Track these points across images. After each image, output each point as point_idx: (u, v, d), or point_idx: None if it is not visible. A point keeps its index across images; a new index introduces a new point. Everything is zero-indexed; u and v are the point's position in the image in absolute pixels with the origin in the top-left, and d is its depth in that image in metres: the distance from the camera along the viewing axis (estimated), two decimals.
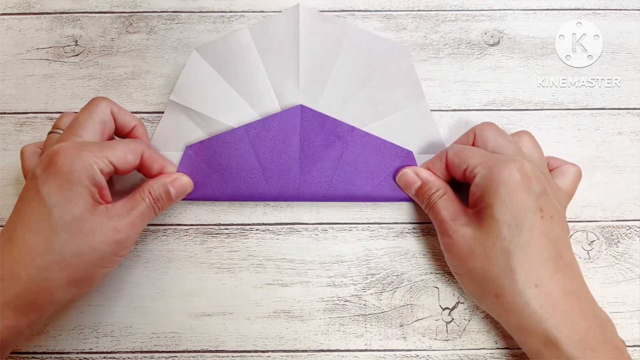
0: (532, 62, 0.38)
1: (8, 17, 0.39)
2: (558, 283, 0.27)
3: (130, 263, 0.35)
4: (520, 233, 0.27)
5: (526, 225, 0.27)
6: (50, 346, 0.34)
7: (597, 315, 0.28)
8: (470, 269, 0.29)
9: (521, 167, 0.28)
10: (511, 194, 0.27)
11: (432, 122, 0.36)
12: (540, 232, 0.27)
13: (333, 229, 0.35)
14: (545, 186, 0.28)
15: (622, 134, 0.37)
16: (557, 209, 0.29)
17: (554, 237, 0.28)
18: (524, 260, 0.27)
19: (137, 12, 0.39)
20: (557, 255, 0.27)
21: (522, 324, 0.27)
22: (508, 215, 0.27)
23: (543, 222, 0.27)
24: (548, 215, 0.28)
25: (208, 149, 0.34)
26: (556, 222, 0.28)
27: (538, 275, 0.27)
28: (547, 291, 0.27)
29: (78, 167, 0.28)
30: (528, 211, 0.27)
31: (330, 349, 0.34)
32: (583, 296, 0.28)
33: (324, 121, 0.35)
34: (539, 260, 0.27)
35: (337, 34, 0.36)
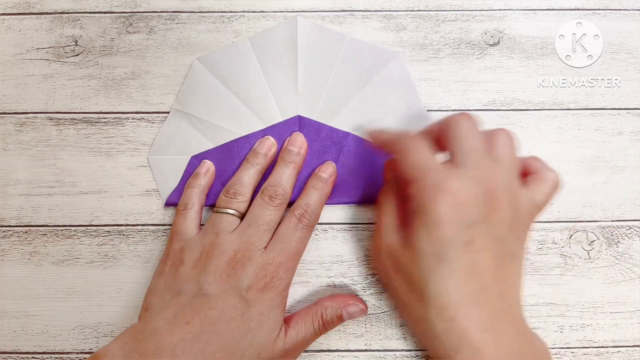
0: (532, 62, 0.38)
1: (8, 17, 0.39)
2: (476, 319, 0.25)
3: (130, 263, 0.35)
4: (441, 265, 0.25)
5: (447, 258, 0.25)
6: (50, 346, 0.34)
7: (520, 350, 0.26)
8: (395, 288, 0.28)
9: (452, 196, 0.25)
10: (438, 226, 0.25)
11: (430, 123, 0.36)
12: (463, 266, 0.25)
13: (333, 229, 0.35)
14: (481, 214, 0.26)
15: (622, 134, 0.37)
16: (497, 236, 0.26)
17: (480, 271, 0.26)
18: (441, 293, 0.25)
19: (137, 12, 0.39)
20: (481, 290, 0.26)
21: (437, 353, 0.26)
22: (432, 247, 0.26)
23: (469, 256, 0.25)
24: (478, 247, 0.26)
25: (211, 158, 0.35)
26: (488, 253, 0.26)
27: (454, 309, 0.25)
28: (461, 326, 0.25)
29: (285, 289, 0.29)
30: (452, 244, 0.25)
31: (330, 349, 0.34)
32: (504, 331, 0.26)
33: (320, 129, 0.36)
34: (457, 294, 0.25)
35: (333, 44, 0.38)
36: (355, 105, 0.37)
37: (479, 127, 0.29)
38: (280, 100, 0.37)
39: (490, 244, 0.26)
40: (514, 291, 0.27)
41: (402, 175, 0.29)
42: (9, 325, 0.34)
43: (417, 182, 0.27)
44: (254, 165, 0.33)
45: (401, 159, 0.28)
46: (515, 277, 0.27)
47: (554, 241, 0.35)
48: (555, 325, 0.34)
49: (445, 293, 0.25)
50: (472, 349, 0.25)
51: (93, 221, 0.35)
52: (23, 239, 0.35)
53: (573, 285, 0.35)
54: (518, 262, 0.28)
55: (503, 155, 0.28)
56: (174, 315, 0.27)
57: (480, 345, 0.25)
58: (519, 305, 0.27)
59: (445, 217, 0.25)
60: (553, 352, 0.34)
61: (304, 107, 0.36)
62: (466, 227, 0.25)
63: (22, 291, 0.34)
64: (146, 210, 0.35)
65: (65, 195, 0.36)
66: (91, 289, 0.34)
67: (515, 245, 0.28)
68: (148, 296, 0.30)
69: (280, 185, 0.32)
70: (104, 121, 0.37)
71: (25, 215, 0.35)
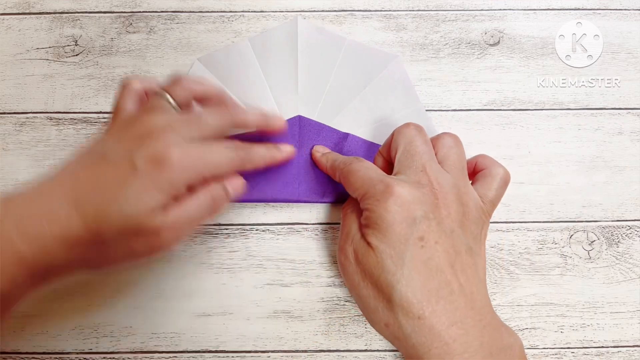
0: (532, 62, 0.38)
1: (8, 17, 0.39)
2: (442, 315, 0.25)
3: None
4: (402, 266, 0.26)
5: (407, 257, 0.26)
6: (50, 346, 0.34)
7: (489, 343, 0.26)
8: (361, 296, 0.28)
9: (398, 197, 0.27)
10: (390, 227, 0.26)
11: (429, 123, 0.36)
12: (422, 263, 0.26)
13: (333, 229, 0.35)
14: (427, 210, 0.27)
15: (622, 133, 0.37)
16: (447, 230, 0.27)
17: (437, 266, 0.26)
18: (405, 293, 0.26)
19: (137, 12, 0.39)
20: (442, 285, 0.26)
21: (409, 353, 0.27)
22: (391, 249, 0.26)
23: (424, 252, 0.26)
24: (431, 242, 0.26)
25: None
26: (441, 247, 0.27)
27: (420, 307, 0.26)
28: (429, 324, 0.25)
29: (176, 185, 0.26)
30: (407, 243, 0.26)
31: (330, 349, 0.34)
32: (470, 325, 0.26)
33: (320, 130, 0.36)
34: (420, 292, 0.26)
35: (333, 45, 0.38)
36: (355, 106, 0.37)
37: (423, 135, 0.30)
38: (280, 100, 0.37)
39: (441, 239, 0.27)
40: (476, 284, 0.27)
41: (354, 196, 0.30)
42: (8, 325, 0.34)
43: (364, 195, 0.28)
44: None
45: (347, 182, 0.30)
46: (473, 269, 0.27)
47: (554, 241, 0.35)
48: (555, 325, 0.34)
49: (411, 292, 0.26)
50: (442, 345, 0.25)
51: None
52: None
53: (573, 285, 0.35)
54: (476, 256, 0.28)
55: (447, 156, 0.30)
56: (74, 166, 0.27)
57: (449, 341, 0.25)
58: (484, 298, 0.27)
59: (393, 217, 0.26)
60: (553, 352, 0.34)
61: (304, 107, 0.37)
62: (415, 224, 0.26)
63: None
64: None
65: None
66: (91, 289, 0.34)
67: (469, 239, 0.28)
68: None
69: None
70: (104, 121, 0.37)
71: None
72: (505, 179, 0.30)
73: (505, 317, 0.34)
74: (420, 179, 0.28)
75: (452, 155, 0.30)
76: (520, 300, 0.34)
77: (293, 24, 0.38)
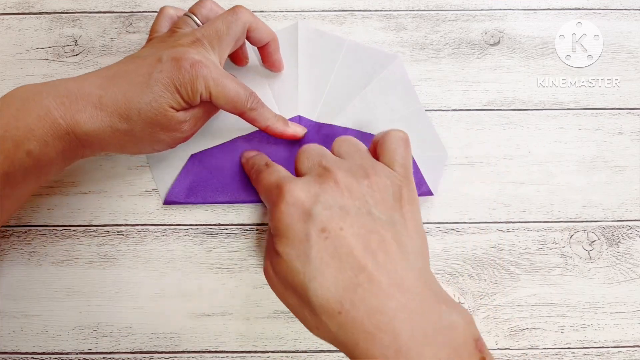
0: (532, 62, 0.38)
1: (8, 17, 0.39)
2: (361, 303, 0.24)
3: (130, 263, 0.35)
4: (309, 263, 0.24)
5: (312, 254, 0.24)
6: (50, 346, 0.34)
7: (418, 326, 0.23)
8: (290, 306, 0.27)
9: (290, 196, 0.26)
10: (288, 228, 0.25)
11: (429, 123, 0.36)
12: (329, 255, 0.24)
13: None
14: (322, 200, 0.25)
15: (623, 134, 0.37)
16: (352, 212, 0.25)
17: (347, 252, 0.24)
18: (320, 292, 0.24)
19: (137, 12, 0.39)
20: (358, 270, 0.24)
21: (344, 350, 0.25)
22: (295, 250, 0.25)
23: (330, 242, 0.25)
24: (336, 230, 0.25)
25: (211, 156, 0.35)
26: (349, 232, 0.25)
27: (338, 301, 0.24)
28: (350, 317, 0.23)
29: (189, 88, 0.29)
30: (308, 239, 0.25)
31: (331, 349, 0.34)
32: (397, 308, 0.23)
33: (320, 128, 0.36)
34: (334, 286, 0.24)
35: (333, 46, 0.38)
36: (355, 106, 0.37)
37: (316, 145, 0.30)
38: (280, 100, 0.37)
39: (346, 223, 0.25)
40: (401, 259, 0.25)
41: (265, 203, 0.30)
42: (8, 325, 0.34)
43: (267, 204, 0.28)
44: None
45: (258, 190, 0.30)
46: (396, 245, 0.25)
47: (555, 241, 0.35)
48: (555, 325, 0.34)
49: (325, 288, 0.24)
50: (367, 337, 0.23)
51: (92, 221, 0.35)
52: (22, 239, 0.35)
53: (573, 285, 0.34)
54: (399, 228, 0.26)
55: (340, 147, 0.29)
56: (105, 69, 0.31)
57: (374, 332, 0.23)
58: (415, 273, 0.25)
59: (290, 218, 0.25)
60: (553, 352, 0.34)
61: (304, 107, 0.37)
62: (312, 218, 0.25)
63: (22, 291, 0.34)
64: (146, 210, 0.35)
65: (65, 195, 0.36)
66: (91, 289, 0.34)
67: (387, 211, 0.26)
68: None
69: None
70: None
71: (25, 215, 0.35)
72: (402, 137, 0.29)
73: (505, 317, 0.34)
74: (320, 173, 0.27)
75: (345, 145, 0.29)
76: (520, 301, 0.34)
77: (294, 28, 0.38)
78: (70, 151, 0.29)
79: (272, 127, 0.33)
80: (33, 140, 0.28)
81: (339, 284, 0.24)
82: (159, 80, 0.29)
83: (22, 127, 0.27)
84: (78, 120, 0.28)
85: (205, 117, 0.33)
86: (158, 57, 0.29)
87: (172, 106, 0.29)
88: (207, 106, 0.32)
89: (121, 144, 0.30)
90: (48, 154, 0.28)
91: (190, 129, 0.32)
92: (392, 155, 0.28)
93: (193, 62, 0.29)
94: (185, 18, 0.33)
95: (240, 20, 0.32)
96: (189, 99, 0.30)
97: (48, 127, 0.28)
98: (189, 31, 0.32)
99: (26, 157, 0.28)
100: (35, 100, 0.28)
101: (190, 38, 0.31)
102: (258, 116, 0.32)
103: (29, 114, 0.28)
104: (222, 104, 0.31)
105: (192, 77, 0.29)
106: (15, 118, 0.27)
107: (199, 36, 0.31)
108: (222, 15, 0.32)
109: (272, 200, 0.27)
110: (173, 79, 0.29)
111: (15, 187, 0.29)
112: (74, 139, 0.29)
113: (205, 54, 0.30)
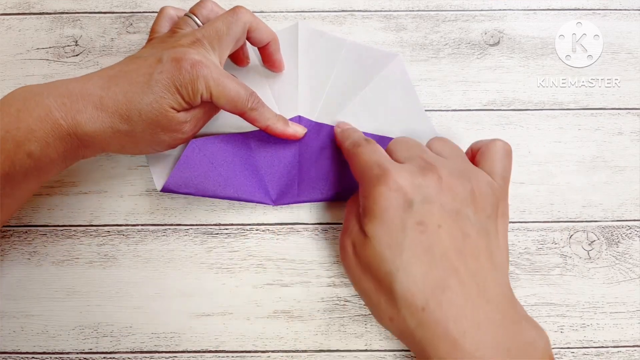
0: (532, 62, 0.38)
1: (8, 17, 0.39)
2: (449, 306, 0.23)
3: (130, 263, 0.35)
4: (401, 253, 0.24)
5: (406, 244, 0.24)
6: (50, 346, 0.34)
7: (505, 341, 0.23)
8: (363, 290, 0.27)
9: (393, 182, 0.25)
10: (385, 212, 0.25)
11: (428, 123, 0.36)
12: (423, 250, 0.24)
13: (333, 229, 0.35)
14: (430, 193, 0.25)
15: (622, 134, 0.37)
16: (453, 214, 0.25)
17: (442, 251, 0.24)
18: (407, 284, 0.24)
19: (137, 12, 0.39)
20: (450, 272, 0.24)
21: (417, 350, 0.24)
22: (387, 237, 0.25)
23: (426, 237, 0.24)
24: (433, 226, 0.25)
25: (212, 145, 0.34)
26: (445, 231, 0.25)
27: (424, 297, 0.23)
28: (435, 317, 0.23)
29: (190, 88, 0.29)
30: (404, 228, 0.24)
31: (331, 349, 0.34)
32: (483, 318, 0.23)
33: (320, 128, 0.36)
34: (423, 282, 0.24)
35: (333, 48, 0.38)
36: (355, 106, 0.37)
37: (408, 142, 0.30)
38: (280, 100, 0.37)
39: (445, 222, 0.25)
40: (489, 270, 0.25)
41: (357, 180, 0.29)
42: (9, 325, 0.34)
43: (362, 180, 0.27)
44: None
45: (351, 165, 0.29)
46: (487, 253, 0.25)
47: (554, 241, 0.35)
48: (555, 325, 0.34)
49: (412, 281, 0.24)
50: (450, 341, 0.23)
51: (93, 221, 0.35)
52: (23, 239, 0.35)
53: (573, 285, 0.35)
54: (491, 238, 0.26)
55: (443, 150, 0.29)
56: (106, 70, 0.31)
57: (457, 337, 0.23)
58: (501, 287, 0.25)
59: (389, 202, 0.25)
60: (553, 352, 0.34)
61: (305, 107, 0.37)
62: (412, 208, 0.25)
63: (22, 291, 0.34)
64: (146, 210, 0.35)
65: (65, 195, 0.36)
66: (91, 289, 0.34)
67: (482, 219, 0.26)
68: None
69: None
70: None
71: (25, 215, 0.35)
72: (506, 149, 0.29)
73: None
74: (421, 165, 0.26)
75: (445, 146, 0.29)
76: (520, 300, 0.34)
77: (294, 28, 0.38)
78: (71, 151, 0.29)
79: (272, 127, 0.33)
80: (34, 141, 0.28)
81: (428, 281, 0.24)
82: (160, 80, 0.29)
83: (23, 127, 0.27)
84: (79, 120, 0.28)
85: (206, 118, 0.33)
86: (158, 57, 0.29)
87: (172, 107, 0.29)
88: (207, 106, 0.32)
89: (122, 145, 0.30)
90: (49, 155, 0.28)
91: (191, 129, 0.32)
92: (494, 165, 0.28)
93: (193, 63, 0.29)
94: (185, 18, 0.33)
95: (240, 21, 0.32)
96: (189, 99, 0.30)
97: (49, 128, 0.28)
98: (189, 31, 0.31)
99: (27, 158, 0.28)
100: (36, 101, 0.28)
101: (190, 38, 0.31)
102: (258, 116, 0.32)
103: (30, 115, 0.28)
104: (222, 104, 0.31)
105: (193, 77, 0.29)
106: (16, 119, 0.27)
107: (199, 36, 0.31)
108: (222, 16, 0.32)
109: (369, 179, 0.26)
110: (174, 80, 0.29)
111: (16, 187, 0.29)
112: (75, 140, 0.29)
113: (205, 54, 0.30)
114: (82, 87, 0.29)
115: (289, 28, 0.38)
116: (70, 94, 0.28)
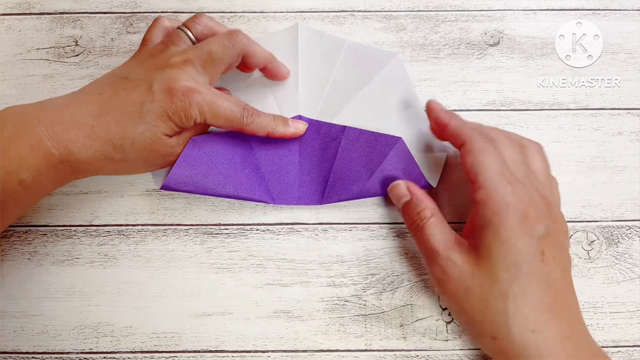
0: (532, 62, 0.38)
1: (8, 17, 0.39)
2: (556, 329, 0.26)
3: (130, 263, 0.35)
4: (519, 278, 0.26)
5: (525, 271, 0.26)
6: (50, 346, 0.34)
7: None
8: (466, 309, 0.28)
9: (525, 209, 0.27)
10: (512, 236, 0.26)
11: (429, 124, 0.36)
12: (540, 278, 0.26)
13: (333, 229, 0.35)
14: (549, 225, 0.27)
15: (622, 134, 0.37)
16: (561, 245, 0.28)
17: (553, 281, 0.27)
18: (521, 306, 0.26)
19: (137, 12, 0.39)
20: (556, 299, 0.27)
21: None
22: (508, 259, 0.26)
23: (543, 267, 0.27)
24: (550, 257, 0.27)
25: (212, 142, 0.34)
26: (557, 263, 0.27)
27: (536, 320, 0.26)
28: (544, 337, 0.26)
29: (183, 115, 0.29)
30: (528, 256, 0.26)
31: (330, 349, 0.34)
32: (580, 340, 0.27)
33: (320, 127, 0.36)
34: (536, 305, 0.26)
35: (333, 48, 0.38)
36: (355, 105, 0.37)
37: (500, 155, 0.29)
38: (280, 100, 0.37)
39: (558, 254, 0.27)
40: (577, 300, 0.29)
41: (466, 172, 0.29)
42: (9, 324, 0.34)
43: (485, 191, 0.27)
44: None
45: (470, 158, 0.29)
46: (573, 285, 0.29)
47: None
48: None
49: (527, 305, 0.26)
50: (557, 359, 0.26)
51: (93, 221, 0.35)
52: (23, 239, 0.35)
53: None
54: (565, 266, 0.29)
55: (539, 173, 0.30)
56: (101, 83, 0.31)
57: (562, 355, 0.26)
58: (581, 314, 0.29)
59: (518, 228, 0.26)
60: None
61: (304, 107, 0.37)
62: (537, 239, 0.27)
63: (22, 291, 0.34)
64: (146, 210, 0.35)
65: (65, 195, 0.36)
66: (91, 289, 0.34)
67: (565, 250, 0.29)
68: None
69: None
70: None
71: (25, 215, 0.35)
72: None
73: None
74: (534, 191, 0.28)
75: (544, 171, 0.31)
76: None
77: (294, 27, 0.38)
78: (63, 177, 0.30)
79: (272, 133, 0.34)
80: (25, 170, 0.27)
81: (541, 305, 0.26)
82: (152, 110, 0.29)
83: (14, 157, 0.27)
84: (71, 149, 0.28)
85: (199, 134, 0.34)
86: (149, 84, 0.29)
87: (165, 133, 0.30)
88: (200, 126, 0.32)
89: (114, 169, 0.31)
90: (41, 182, 0.28)
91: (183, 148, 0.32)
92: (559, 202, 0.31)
93: (185, 91, 0.29)
94: (179, 32, 0.32)
95: (237, 47, 0.32)
96: (182, 124, 0.30)
97: (41, 157, 0.28)
98: (181, 50, 0.31)
99: (18, 186, 0.28)
100: (27, 129, 0.27)
101: (182, 57, 0.30)
102: (256, 127, 0.33)
103: (21, 143, 0.27)
104: (219, 125, 0.31)
105: (186, 105, 0.29)
106: (7, 147, 0.27)
107: (191, 57, 0.30)
108: (218, 38, 0.32)
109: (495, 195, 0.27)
110: (166, 109, 0.29)
111: (6, 211, 0.29)
112: (68, 167, 0.29)
113: (196, 76, 0.30)
114: (74, 114, 0.29)
115: (288, 28, 0.38)
116: (61, 121, 0.28)
